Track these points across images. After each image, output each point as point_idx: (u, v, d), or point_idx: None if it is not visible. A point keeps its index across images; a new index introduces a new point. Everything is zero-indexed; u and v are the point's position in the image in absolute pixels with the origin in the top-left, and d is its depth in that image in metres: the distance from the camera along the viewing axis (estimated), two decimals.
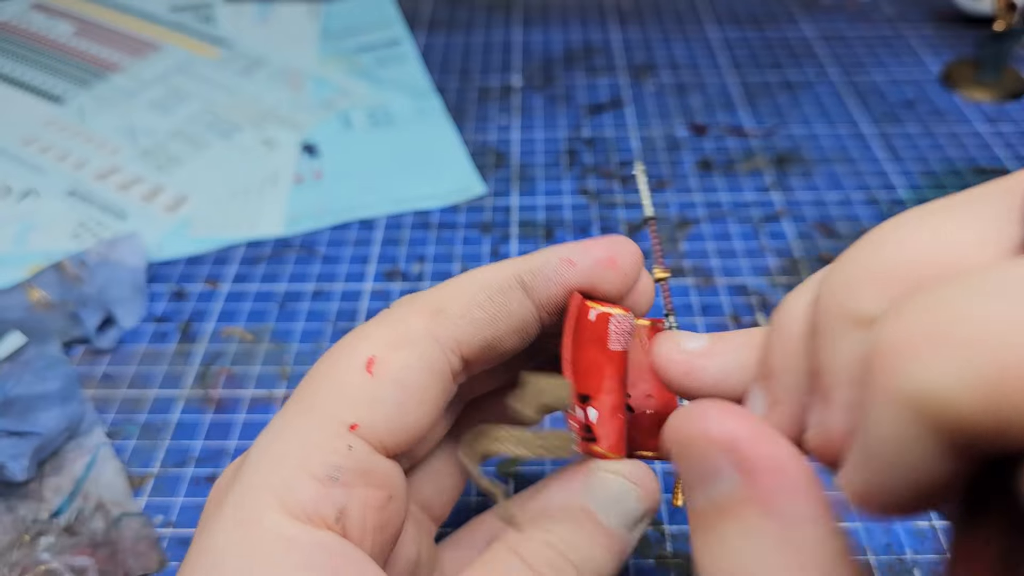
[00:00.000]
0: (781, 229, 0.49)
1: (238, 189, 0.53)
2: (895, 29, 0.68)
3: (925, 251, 0.15)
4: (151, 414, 0.39)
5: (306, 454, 0.20)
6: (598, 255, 0.23)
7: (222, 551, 0.18)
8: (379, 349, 0.21)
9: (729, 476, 0.15)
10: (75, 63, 0.66)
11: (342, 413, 0.20)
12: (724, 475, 0.15)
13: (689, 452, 0.16)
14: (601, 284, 0.23)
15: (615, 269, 0.22)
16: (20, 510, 0.34)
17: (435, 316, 0.22)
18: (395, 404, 0.21)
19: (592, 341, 0.21)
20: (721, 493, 0.15)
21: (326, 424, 0.20)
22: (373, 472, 0.21)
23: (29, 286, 0.45)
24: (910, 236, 0.15)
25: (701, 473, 0.16)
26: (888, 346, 0.12)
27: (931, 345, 0.11)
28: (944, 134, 0.56)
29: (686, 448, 0.16)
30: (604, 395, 0.21)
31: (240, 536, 0.18)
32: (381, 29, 0.70)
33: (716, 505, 0.16)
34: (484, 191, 0.53)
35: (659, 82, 0.63)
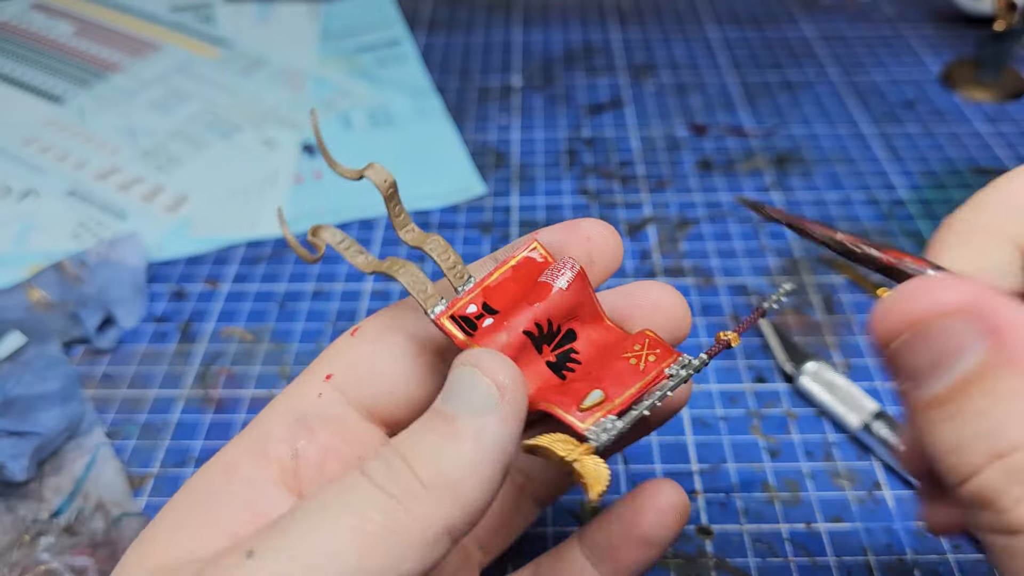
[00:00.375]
0: (781, 229, 0.49)
1: (238, 189, 0.53)
2: (895, 29, 0.68)
3: None
4: (151, 414, 0.39)
5: (285, 403, 0.23)
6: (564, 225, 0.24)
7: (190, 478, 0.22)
8: (365, 321, 0.24)
9: (976, 345, 0.14)
10: (75, 63, 0.66)
11: (322, 368, 0.23)
12: (969, 347, 0.14)
13: (923, 333, 0.15)
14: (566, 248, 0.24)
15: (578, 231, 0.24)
16: (20, 510, 0.34)
17: None
18: (367, 358, 0.23)
19: (525, 270, 0.23)
20: (966, 367, 0.14)
21: (308, 378, 0.23)
22: (342, 423, 0.22)
23: (29, 286, 0.45)
24: None
25: (938, 354, 0.15)
26: None
27: None
28: (944, 134, 0.56)
29: (918, 330, 0.15)
30: (510, 315, 0.22)
31: (209, 466, 0.22)
32: (381, 29, 0.70)
33: (960, 381, 0.14)
34: (484, 191, 0.53)
35: (659, 82, 0.63)
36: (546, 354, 0.22)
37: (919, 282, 0.15)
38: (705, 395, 0.39)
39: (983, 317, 0.14)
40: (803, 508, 0.34)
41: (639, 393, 0.21)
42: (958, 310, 0.15)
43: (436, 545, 0.18)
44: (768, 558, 0.33)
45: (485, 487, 0.18)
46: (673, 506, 0.26)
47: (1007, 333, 0.14)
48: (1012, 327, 0.14)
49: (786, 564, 0.32)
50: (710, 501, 0.35)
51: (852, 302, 0.44)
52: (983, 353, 0.14)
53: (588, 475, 0.19)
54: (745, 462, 0.36)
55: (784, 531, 0.33)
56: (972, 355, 0.14)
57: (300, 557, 0.17)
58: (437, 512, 0.18)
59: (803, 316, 0.43)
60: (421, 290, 0.22)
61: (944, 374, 0.15)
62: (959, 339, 0.15)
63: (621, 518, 0.26)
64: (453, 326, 0.21)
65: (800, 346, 0.41)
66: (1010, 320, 0.14)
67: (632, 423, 0.20)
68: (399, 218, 0.23)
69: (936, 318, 0.15)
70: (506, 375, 0.19)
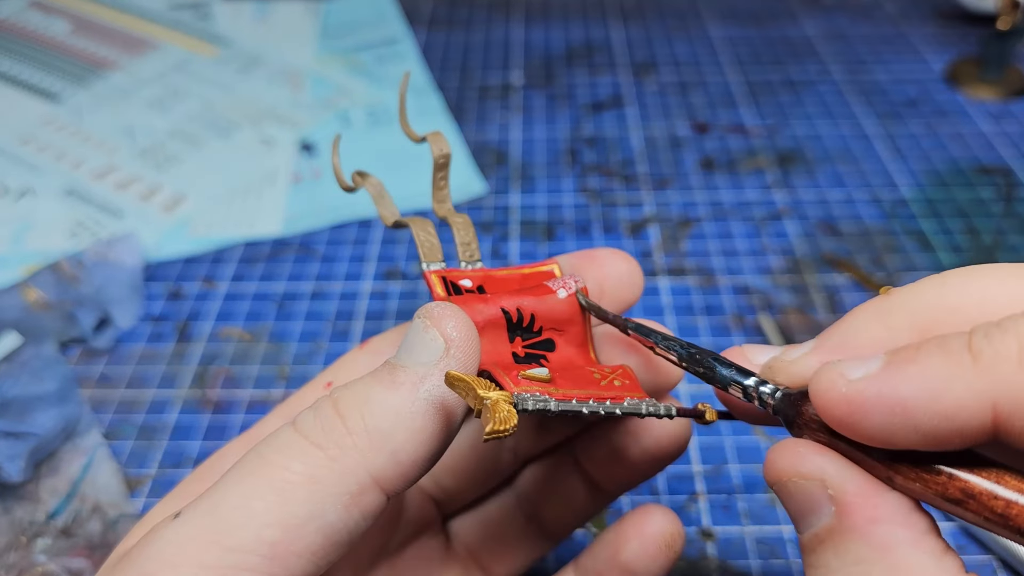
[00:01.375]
0: (783, 228, 0.48)
1: (236, 188, 0.53)
2: (898, 27, 0.68)
3: None
4: (148, 415, 0.39)
5: (288, 406, 0.24)
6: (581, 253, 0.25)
7: None
8: (377, 336, 0.24)
9: (826, 508, 0.16)
10: (72, 61, 0.66)
11: (326, 377, 0.24)
12: (821, 508, 0.16)
13: (786, 489, 0.17)
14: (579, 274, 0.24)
15: (592, 261, 0.24)
16: (16, 512, 0.34)
17: None
18: (364, 368, 0.23)
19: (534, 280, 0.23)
20: (821, 525, 0.16)
21: (313, 386, 0.24)
22: None
23: (26, 286, 0.45)
24: None
25: (800, 507, 0.17)
26: None
27: None
28: (947, 133, 0.55)
29: (783, 485, 0.17)
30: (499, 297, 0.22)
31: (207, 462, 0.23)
32: (380, 27, 0.70)
33: (817, 536, 0.16)
34: (484, 190, 0.52)
35: (661, 80, 0.63)
36: (516, 345, 0.22)
37: (785, 446, 0.17)
38: (706, 396, 0.39)
39: (831, 486, 0.16)
40: None
41: (587, 398, 0.19)
42: (810, 476, 0.16)
43: (362, 496, 0.17)
44: (770, 560, 0.32)
45: (418, 440, 0.17)
46: (659, 536, 0.24)
47: (851, 504, 0.16)
48: (856, 498, 0.16)
49: (788, 566, 0.32)
50: (712, 503, 0.34)
51: (855, 302, 0.43)
52: (830, 518, 0.16)
53: (494, 412, 0.17)
54: (748, 463, 0.36)
55: (786, 533, 0.33)
56: (822, 516, 0.16)
57: (220, 512, 0.17)
58: (361, 460, 0.17)
59: (806, 316, 0.42)
60: (427, 243, 0.22)
61: (806, 524, 0.17)
62: (812, 498, 0.16)
63: (607, 544, 0.25)
64: (438, 282, 0.21)
65: None
66: (856, 491, 0.16)
67: (562, 411, 0.18)
68: (441, 191, 0.24)
69: (795, 477, 0.17)
70: (457, 329, 0.18)
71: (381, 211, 0.23)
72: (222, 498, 0.17)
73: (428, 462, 0.18)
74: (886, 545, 0.15)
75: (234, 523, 0.16)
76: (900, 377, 0.15)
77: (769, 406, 0.18)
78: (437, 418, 0.18)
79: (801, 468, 0.16)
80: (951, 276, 0.17)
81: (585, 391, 0.20)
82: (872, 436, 0.15)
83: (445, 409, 0.18)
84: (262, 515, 0.16)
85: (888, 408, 0.15)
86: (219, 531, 0.16)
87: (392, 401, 0.18)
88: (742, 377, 0.18)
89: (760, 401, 0.18)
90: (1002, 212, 0.49)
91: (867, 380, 0.15)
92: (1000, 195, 0.50)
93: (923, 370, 0.15)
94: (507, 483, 0.27)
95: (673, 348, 0.20)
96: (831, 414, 0.16)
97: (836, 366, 0.16)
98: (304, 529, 0.17)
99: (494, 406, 0.17)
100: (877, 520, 0.15)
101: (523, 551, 0.27)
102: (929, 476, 0.15)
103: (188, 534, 0.16)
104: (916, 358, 0.15)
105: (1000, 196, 0.50)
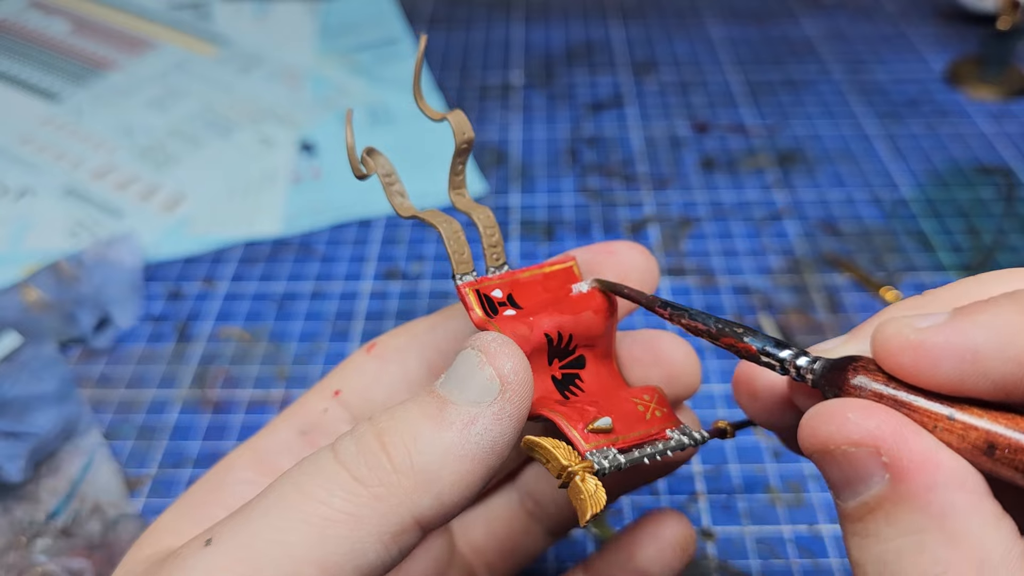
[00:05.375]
0: (784, 228, 0.48)
1: (236, 188, 0.53)
2: (897, 27, 0.68)
3: None
4: (148, 415, 0.39)
5: (294, 413, 0.23)
6: (598, 247, 0.24)
7: None
8: (383, 337, 0.24)
9: (879, 476, 0.15)
10: (72, 61, 0.66)
11: (333, 383, 0.23)
12: (873, 476, 0.15)
13: (831, 456, 0.16)
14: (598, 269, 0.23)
15: (612, 256, 0.23)
16: (16, 512, 0.34)
17: (441, 313, 0.24)
18: (375, 377, 0.23)
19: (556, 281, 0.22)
20: (871, 493, 0.15)
21: (319, 391, 0.23)
22: None
23: (26, 286, 0.45)
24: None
25: (847, 476, 0.15)
26: None
27: None
28: (948, 133, 0.55)
29: (827, 453, 0.16)
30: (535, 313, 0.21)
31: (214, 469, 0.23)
32: (380, 26, 0.70)
33: (866, 504, 0.15)
34: (485, 190, 0.52)
35: (661, 80, 0.63)
36: (554, 368, 0.21)
37: (833, 406, 0.16)
38: (707, 396, 0.39)
39: (886, 451, 0.15)
40: (806, 510, 0.34)
41: (642, 440, 0.20)
42: (862, 442, 0.15)
43: (402, 536, 0.16)
44: (770, 560, 0.32)
45: (464, 483, 0.17)
46: (675, 541, 0.24)
47: (907, 469, 0.15)
48: (912, 464, 0.15)
49: (788, 566, 0.32)
50: (713, 503, 0.34)
51: (855, 302, 0.43)
52: (884, 485, 0.15)
53: (586, 493, 0.18)
54: (748, 463, 0.36)
55: (787, 533, 0.33)
56: (875, 484, 0.15)
57: (256, 546, 0.16)
58: (406, 500, 0.16)
59: (806, 316, 0.42)
60: (459, 251, 0.21)
61: (853, 493, 0.16)
62: (864, 466, 0.15)
63: (621, 548, 0.25)
64: (475, 300, 0.20)
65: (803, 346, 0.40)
66: (911, 456, 0.15)
67: (632, 464, 0.19)
68: (458, 177, 0.22)
69: (844, 444, 0.15)
70: (514, 369, 0.17)
71: (392, 201, 0.21)
72: (257, 530, 0.16)
73: (469, 501, 0.17)
74: (943, 512, 0.14)
75: (270, 558, 0.15)
76: (969, 324, 0.15)
77: (807, 376, 0.17)
78: (486, 462, 0.17)
79: (852, 434, 0.15)
80: (989, 275, 0.17)
81: (638, 432, 0.20)
82: (941, 383, 0.15)
83: (495, 453, 0.17)
84: (300, 552, 0.16)
85: (958, 355, 0.15)
86: (254, 566, 0.15)
87: (442, 441, 0.17)
88: (778, 349, 0.18)
89: (797, 371, 0.18)
90: (1002, 212, 0.49)
91: (935, 328, 0.15)
92: (1000, 195, 0.50)
93: (994, 318, 0.15)
94: (510, 478, 0.27)
95: (707, 320, 0.19)
96: (898, 362, 0.15)
97: (903, 317, 0.16)
98: (342, 569, 0.16)
99: (583, 484, 0.18)
100: (935, 486, 0.14)
101: (526, 548, 0.27)
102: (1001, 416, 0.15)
103: (221, 565, 0.16)
104: (987, 308, 0.15)
105: (1000, 196, 0.50)
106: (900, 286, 0.44)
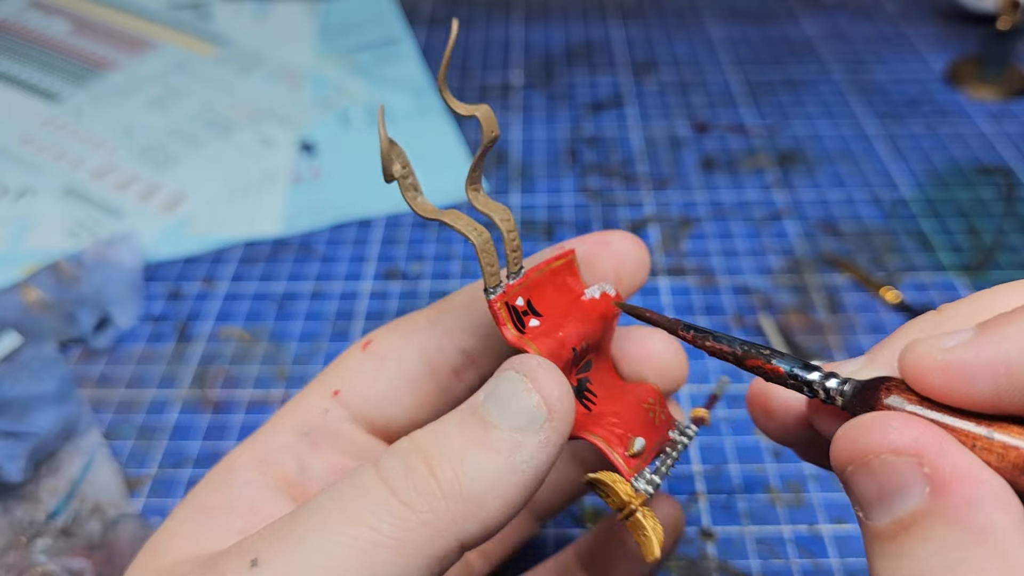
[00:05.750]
0: (784, 228, 0.48)
1: (236, 188, 0.53)
2: (897, 27, 0.68)
3: None
4: (148, 415, 0.39)
5: (294, 412, 0.23)
6: (594, 239, 0.24)
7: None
8: (378, 333, 0.23)
9: (918, 489, 0.14)
10: (72, 61, 0.66)
11: (330, 381, 0.23)
12: (912, 489, 0.15)
13: (869, 466, 0.15)
14: (596, 260, 0.23)
15: (608, 247, 0.23)
16: (16, 512, 0.34)
17: (438, 306, 0.24)
18: (373, 374, 0.23)
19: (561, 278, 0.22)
20: (907, 508, 0.15)
21: (317, 390, 0.23)
22: (346, 440, 0.22)
23: (26, 286, 0.45)
24: None
25: (883, 489, 0.15)
26: None
27: None
28: (948, 133, 0.55)
29: (865, 463, 0.15)
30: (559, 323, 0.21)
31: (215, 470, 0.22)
32: (380, 26, 0.70)
33: (901, 521, 0.15)
34: (484, 190, 0.52)
35: (661, 80, 0.63)
36: (572, 376, 0.21)
37: (875, 417, 0.15)
38: (707, 397, 0.39)
39: (928, 463, 0.14)
40: (806, 510, 0.34)
41: (658, 448, 0.21)
42: (905, 451, 0.15)
43: (445, 559, 0.17)
44: (770, 560, 0.32)
45: (508, 507, 0.17)
46: (665, 522, 0.25)
47: (949, 483, 0.14)
48: (954, 478, 0.14)
49: (788, 566, 0.32)
50: (713, 503, 0.34)
51: (855, 302, 0.43)
52: (923, 499, 0.14)
53: (649, 531, 0.18)
54: (748, 463, 0.36)
55: (787, 533, 0.33)
56: (913, 498, 0.15)
57: (303, 571, 0.16)
58: (452, 526, 0.16)
59: (806, 316, 0.42)
60: (491, 263, 0.20)
61: (888, 509, 0.15)
62: (903, 478, 0.15)
63: (613, 532, 0.25)
64: (507, 315, 0.20)
65: (803, 346, 0.40)
66: (953, 470, 0.14)
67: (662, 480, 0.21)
68: (474, 172, 0.21)
69: (884, 454, 0.15)
70: (560, 396, 0.18)
71: (409, 200, 0.20)
72: (304, 554, 0.16)
73: (508, 523, 0.18)
74: (985, 529, 0.14)
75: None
76: (998, 338, 0.14)
77: (837, 399, 0.17)
78: (529, 487, 0.17)
79: (896, 443, 0.15)
80: (1002, 287, 0.17)
81: (655, 441, 0.21)
82: (976, 402, 0.15)
83: (537, 478, 0.17)
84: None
85: (991, 370, 0.14)
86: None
87: (488, 468, 0.17)
88: (805, 372, 0.18)
89: (826, 394, 0.17)
90: (1002, 212, 0.49)
91: (964, 346, 0.15)
92: (1000, 195, 0.50)
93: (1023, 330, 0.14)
94: None
95: (733, 343, 0.19)
96: (929, 384, 0.15)
97: (928, 339, 0.15)
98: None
99: (645, 521, 0.19)
100: (976, 502, 0.14)
101: (517, 532, 0.28)
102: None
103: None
104: (1013, 320, 0.15)
105: (1000, 196, 0.50)
106: (900, 286, 0.44)
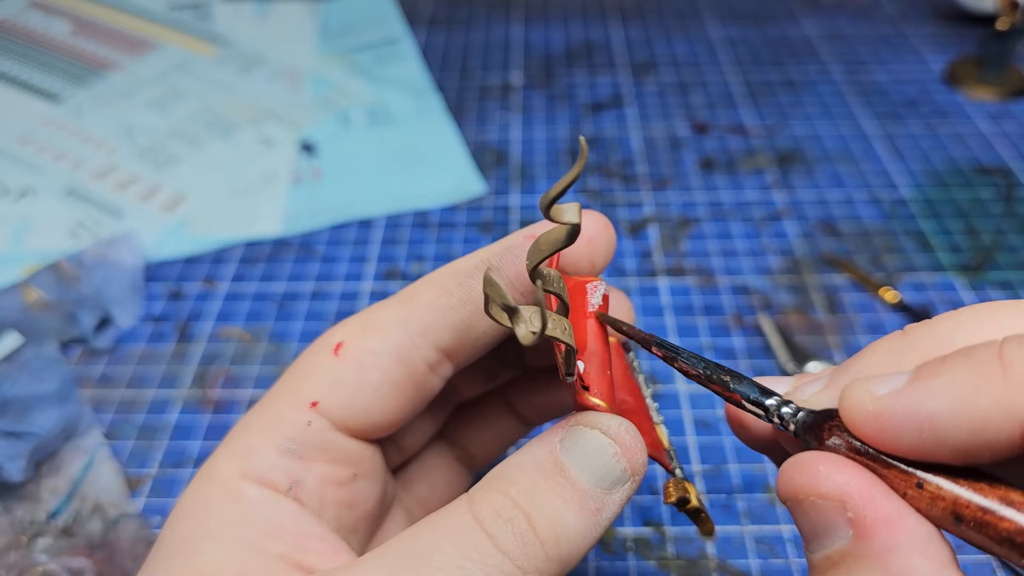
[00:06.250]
0: (783, 228, 0.48)
1: (236, 188, 0.53)
2: (897, 27, 0.68)
3: None
4: (149, 415, 0.39)
5: (271, 427, 0.22)
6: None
7: (181, 500, 0.21)
8: (348, 335, 0.23)
9: (844, 531, 0.15)
10: (72, 62, 0.66)
11: (306, 391, 0.22)
12: (837, 531, 0.15)
13: (801, 505, 0.16)
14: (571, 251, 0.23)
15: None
16: (17, 511, 0.34)
17: (405, 304, 0.23)
18: (355, 383, 0.22)
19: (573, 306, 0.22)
20: (835, 547, 0.15)
21: (292, 401, 0.22)
22: (333, 449, 0.22)
23: (26, 286, 0.45)
24: None
25: (815, 526, 0.16)
26: None
27: None
28: (947, 133, 0.55)
29: (798, 501, 0.16)
30: (591, 351, 0.21)
31: (197, 488, 0.21)
32: (380, 27, 0.70)
33: (830, 557, 0.15)
34: (484, 190, 0.52)
35: (660, 80, 0.63)
36: None
37: (809, 459, 0.16)
38: (707, 396, 0.39)
39: (851, 507, 0.15)
40: None
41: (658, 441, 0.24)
42: (830, 496, 0.15)
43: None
44: (770, 559, 0.32)
45: (583, 557, 0.18)
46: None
47: (871, 528, 0.15)
48: (876, 523, 0.15)
49: (787, 566, 0.32)
50: (712, 502, 0.34)
51: (854, 302, 0.43)
52: (847, 541, 0.15)
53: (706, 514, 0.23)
54: (747, 463, 0.36)
55: (786, 533, 0.33)
56: (839, 539, 0.15)
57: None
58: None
59: (805, 316, 0.42)
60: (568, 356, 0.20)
61: (819, 545, 0.16)
62: (830, 520, 0.16)
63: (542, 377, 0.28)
64: (580, 386, 0.20)
65: (802, 346, 0.40)
66: (876, 515, 0.15)
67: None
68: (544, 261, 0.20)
69: (813, 496, 0.16)
70: (643, 461, 0.19)
71: (516, 326, 0.18)
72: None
73: None
74: (905, 574, 0.14)
75: None
76: (925, 391, 0.15)
77: (789, 426, 0.18)
78: (599, 538, 0.19)
79: (821, 487, 0.16)
80: (966, 312, 0.17)
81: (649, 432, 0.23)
82: (904, 451, 0.15)
83: (605, 529, 0.19)
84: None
85: (915, 424, 0.14)
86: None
87: (579, 527, 0.18)
88: (763, 397, 0.18)
89: (780, 421, 0.18)
90: (1002, 212, 0.49)
91: (894, 396, 0.15)
92: (1000, 195, 0.50)
93: (948, 383, 0.14)
94: (439, 433, 0.29)
95: (697, 365, 0.20)
96: (861, 431, 0.15)
97: (864, 383, 0.16)
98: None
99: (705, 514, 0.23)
100: (897, 548, 0.15)
101: (507, 436, 0.29)
102: (967, 484, 0.14)
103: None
104: (940, 371, 0.15)
105: (1000, 196, 0.50)
106: (899, 286, 0.44)
